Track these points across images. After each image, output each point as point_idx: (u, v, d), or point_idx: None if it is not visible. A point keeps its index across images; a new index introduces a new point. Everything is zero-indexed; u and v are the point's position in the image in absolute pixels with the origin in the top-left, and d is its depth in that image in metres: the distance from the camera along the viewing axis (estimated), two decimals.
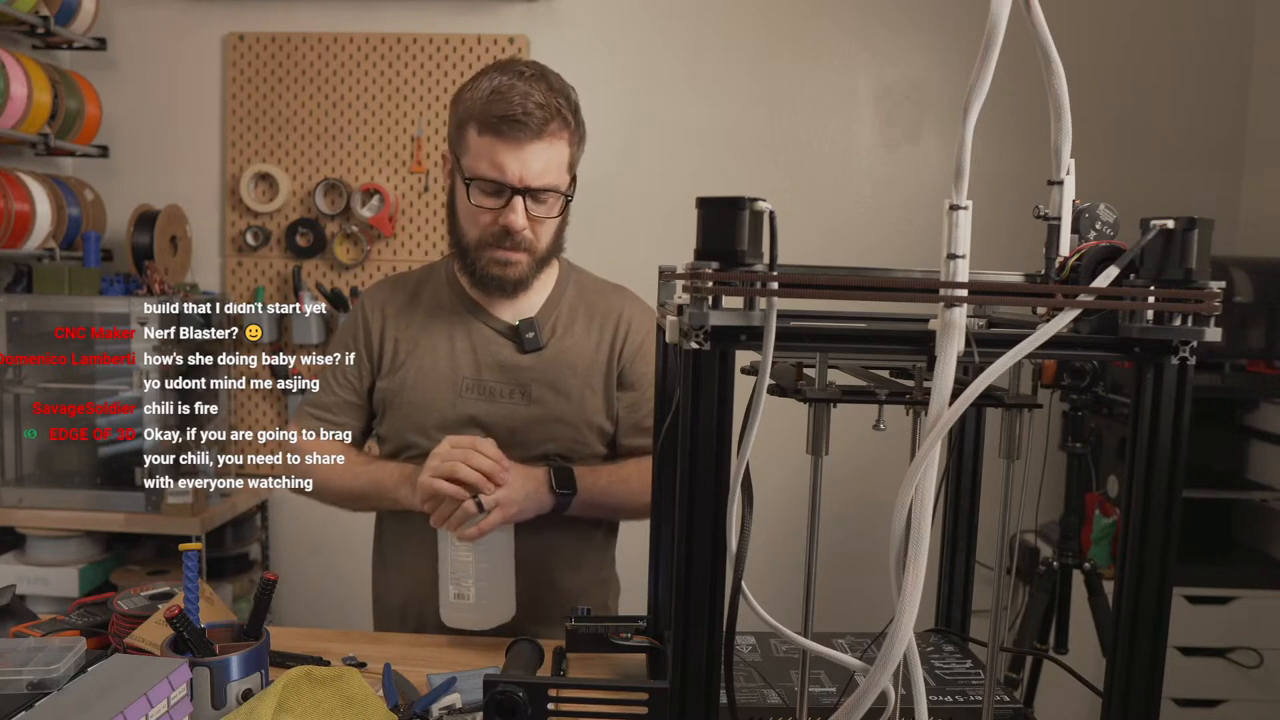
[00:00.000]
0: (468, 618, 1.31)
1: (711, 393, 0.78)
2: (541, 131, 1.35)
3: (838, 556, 2.10)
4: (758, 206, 0.78)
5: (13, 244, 2.49)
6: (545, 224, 1.42)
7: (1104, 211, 0.83)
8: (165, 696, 0.92)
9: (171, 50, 2.91)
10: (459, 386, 1.47)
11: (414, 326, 1.52)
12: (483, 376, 1.47)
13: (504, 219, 1.38)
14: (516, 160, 1.35)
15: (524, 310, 1.50)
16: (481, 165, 1.37)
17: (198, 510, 2.50)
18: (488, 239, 1.41)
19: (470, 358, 1.48)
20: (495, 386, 1.47)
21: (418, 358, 1.49)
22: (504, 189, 1.37)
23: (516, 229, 1.38)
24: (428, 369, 1.48)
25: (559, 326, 1.50)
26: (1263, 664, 2.27)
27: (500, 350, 1.48)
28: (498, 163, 1.35)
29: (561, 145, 1.39)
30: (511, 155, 1.35)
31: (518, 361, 1.47)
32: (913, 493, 0.74)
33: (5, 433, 2.57)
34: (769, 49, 2.83)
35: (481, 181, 1.37)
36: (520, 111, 1.33)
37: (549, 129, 1.36)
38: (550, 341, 1.49)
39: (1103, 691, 0.85)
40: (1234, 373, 2.36)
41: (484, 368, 1.47)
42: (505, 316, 1.50)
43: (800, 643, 0.83)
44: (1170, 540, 0.80)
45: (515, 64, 1.41)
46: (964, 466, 1.13)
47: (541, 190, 1.38)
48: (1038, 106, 0.79)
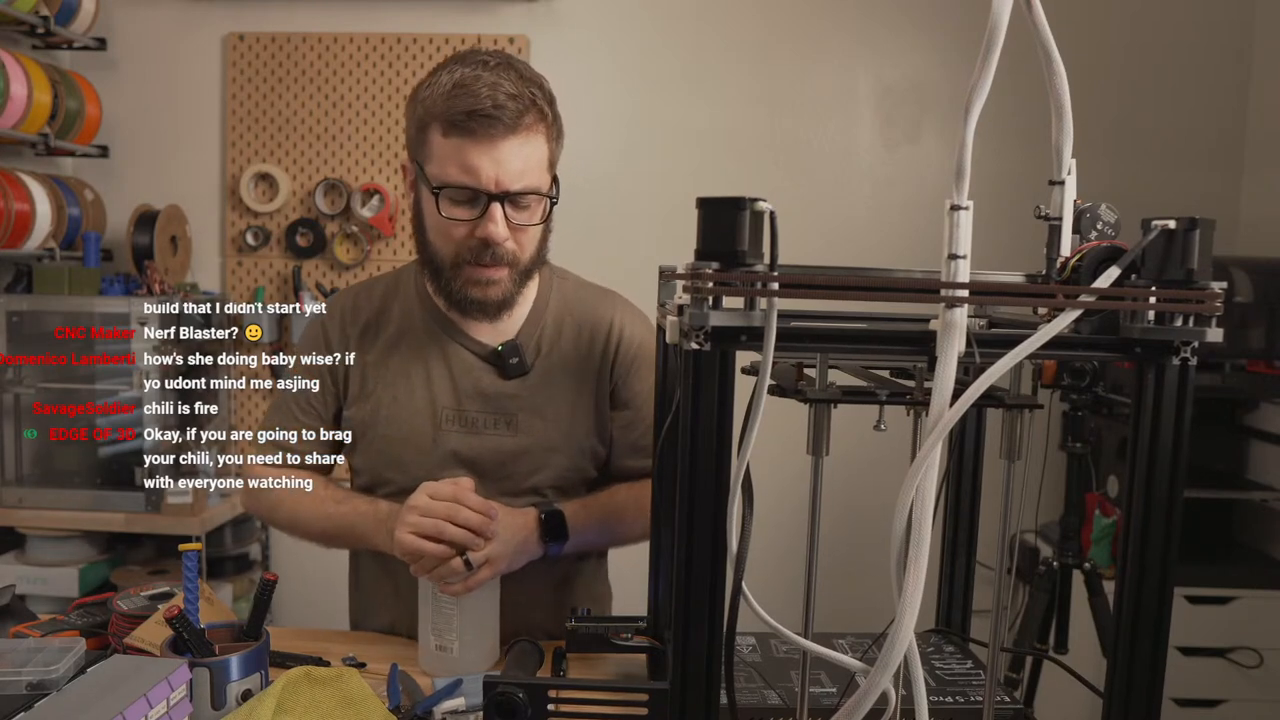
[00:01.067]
0: (450, 668, 1.21)
1: (712, 393, 0.78)
2: (516, 126, 1.18)
3: (838, 557, 2.10)
4: (758, 206, 0.78)
5: (13, 244, 2.49)
6: (528, 233, 1.26)
7: (1105, 212, 0.83)
8: (165, 697, 0.92)
9: (171, 50, 2.91)
10: (438, 418, 1.33)
11: (382, 348, 1.36)
12: (463, 407, 1.33)
13: (481, 231, 1.21)
14: (491, 161, 1.18)
15: (505, 329, 1.35)
16: (450, 171, 1.20)
17: (198, 510, 2.51)
18: (464, 255, 1.24)
19: (448, 385, 1.33)
20: (477, 417, 1.33)
21: (389, 385, 1.35)
22: (479, 196, 1.20)
23: (497, 240, 1.22)
24: (402, 399, 1.34)
25: (544, 344, 1.36)
26: (1263, 664, 2.27)
27: (481, 377, 1.34)
28: (469, 166, 1.19)
29: (539, 141, 1.22)
30: (485, 156, 1.18)
31: (501, 389, 1.33)
32: (913, 493, 0.74)
33: (5, 433, 2.57)
34: (769, 49, 2.83)
35: (452, 190, 1.21)
36: (490, 105, 1.16)
37: (524, 122, 1.19)
38: (536, 362, 1.35)
39: (1103, 691, 0.85)
40: (1234, 373, 2.36)
41: (464, 397, 1.33)
42: (484, 338, 1.35)
43: (800, 643, 0.83)
44: (1170, 540, 0.80)
45: (477, 53, 1.23)
46: (964, 467, 1.13)
47: (522, 194, 1.21)
48: (1038, 106, 0.79)
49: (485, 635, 1.24)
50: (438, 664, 1.22)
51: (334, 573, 1.69)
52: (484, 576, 1.19)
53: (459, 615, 1.20)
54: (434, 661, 1.22)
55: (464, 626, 1.21)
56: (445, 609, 1.20)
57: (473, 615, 1.21)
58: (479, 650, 1.22)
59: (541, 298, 1.39)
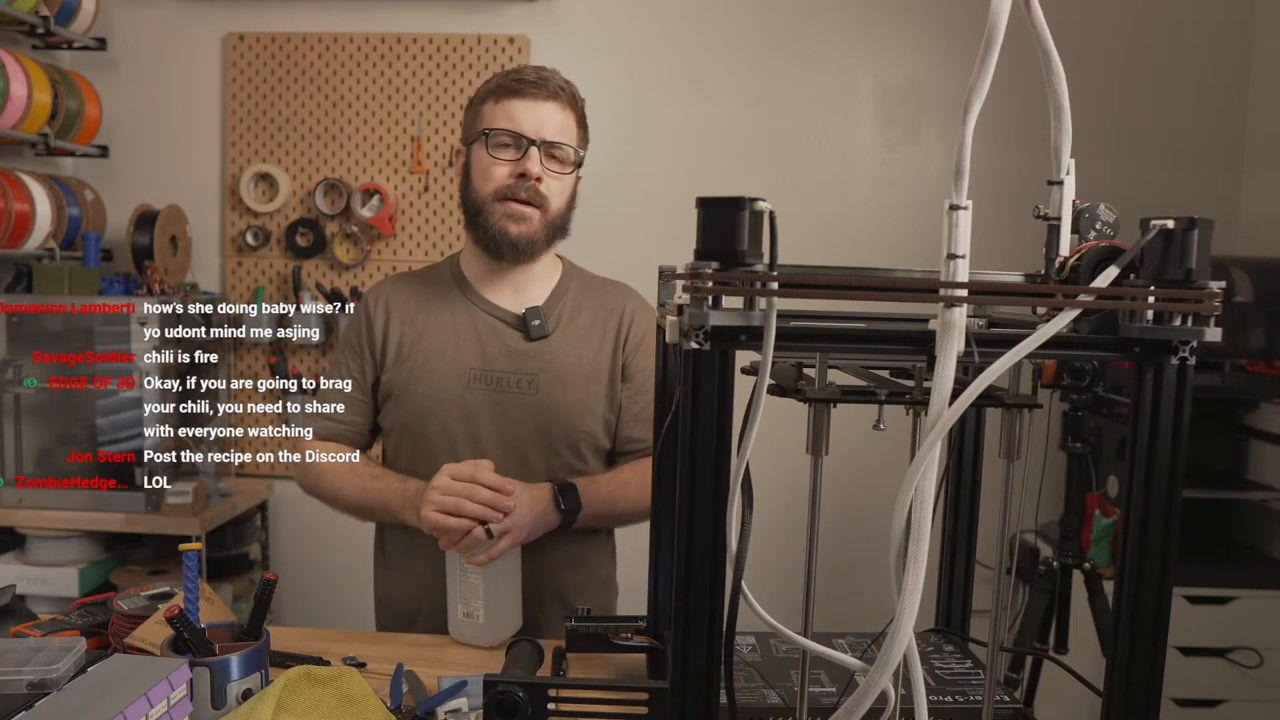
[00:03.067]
0: (476, 635, 1.34)
1: (711, 393, 0.78)
2: (556, 95, 1.44)
3: (838, 557, 2.10)
4: (758, 206, 0.78)
5: (13, 244, 2.49)
6: (560, 182, 1.46)
7: (1104, 211, 0.83)
8: (165, 696, 0.92)
9: (171, 50, 2.91)
10: (467, 378, 1.49)
11: (419, 319, 1.53)
12: (490, 366, 1.49)
13: (520, 167, 1.43)
14: (532, 115, 1.43)
15: (530, 299, 1.52)
16: (499, 121, 1.44)
17: (198, 510, 2.51)
18: (502, 191, 1.44)
19: (477, 348, 1.50)
20: (503, 376, 1.48)
21: (423, 350, 1.51)
22: (521, 139, 1.43)
23: (533, 174, 1.43)
24: (434, 360, 1.50)
25: (564, 319, 1.52)
26: (1263, 664, 2.27)
27: (508, 338, 1.50)
28: (514, 117, 1.43)
29: (571, 118, 1.47)
30: (528, 111, 1.43)
31: (525, 349, 1.49)
32: (913, 493, 0.74)
33: (5, 433, 2.57)
34: (769, 49, 2.83)
35: (499, 133, 1.44)
36: (535, 76, 1.44)
37: (561, 97, 1.45)
38: (555, 332, 1.51)
39: (1103, 691, 0.85)
40: (1234, 373, 2.36)
41: (491, 357, 1.49)
42: (510, 306, 1.52)
43: (800, 643, 0.83)
44: (1170, 540, 0.80)
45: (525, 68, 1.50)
46: (964, 466, 1.13)
47: (556, 143, 1.44)
48: (1038, 106, 0.79)
49: (509, 603, 1.36)
50: (464, 631, 1.34)
51: (334, 573, 1.71)
52: (504, 545, 1.32)
53: (483, 585, 1.32)
54: (461, 629, 1.35)
55: (488, 595, 1.32)
56: (471, 579, 1.33)
57: (495, 585, 1.33)
58: (502, 617, 1.35)
59: (563, 282, 1.57)
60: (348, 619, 1.86)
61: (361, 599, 1.64)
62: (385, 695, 1.10)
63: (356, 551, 1.73)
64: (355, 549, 1.75)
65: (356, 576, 1.73)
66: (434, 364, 1.50)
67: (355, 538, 1.72)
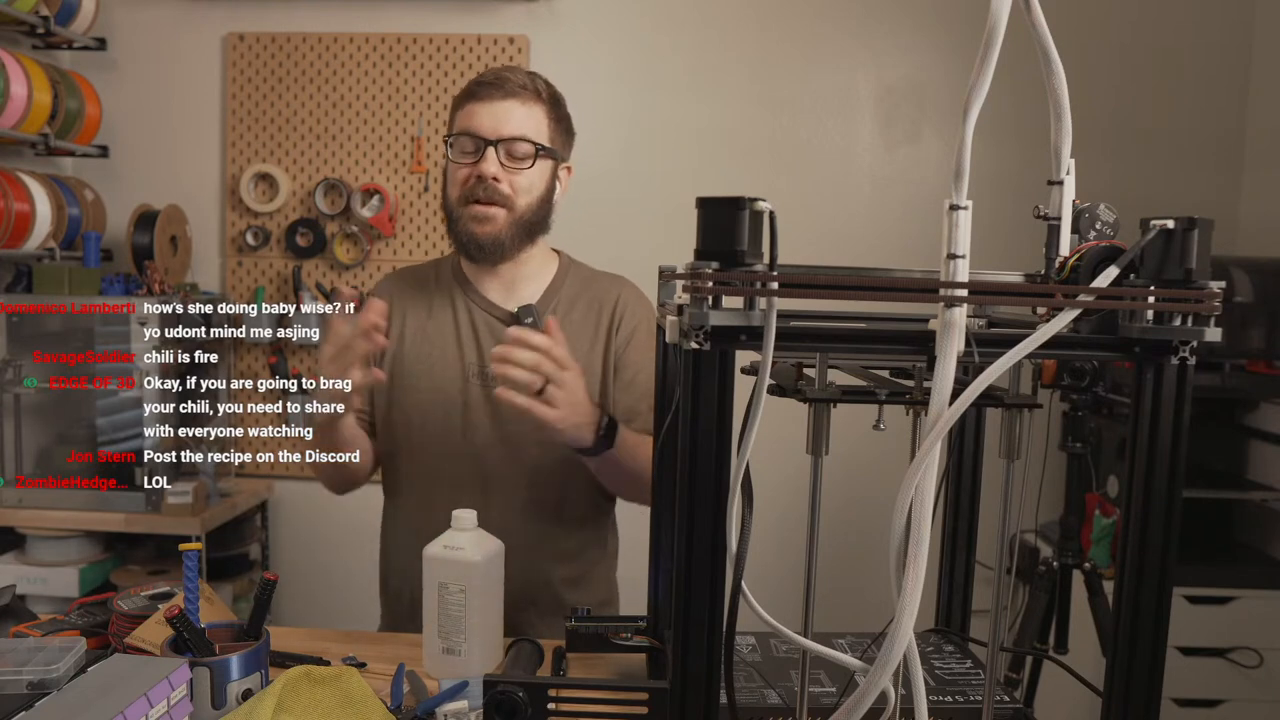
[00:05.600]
0: (455, 671, 1.22)
1: (711, 393, 0.78)
2: (515, 93, 1.46)
3: (838, 556, 2.10)
4: (758, 206, 0.78)
5: (13, 244, 2.49)
6: (521, 176, 1.46)
7: (1104, 211, 0.83)
8: (165, 696, 0.92)
9: (171, 50, 2.91)
10: (465, 372, 1.52)
11: (419, 313, 1.56)
12: (486, 363, 1.50)
13: (478, 169, 1.45)
14: (490, 115, 1.45)
15: (524, 297, 1.54)
16: (458, 126, 1.48)
17: (198, 510, 2.50)
18: (467, 194, 1.46)
19: (473, 345, 1.52)
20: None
21: (422, 343, 1.54)
22: (478, 142, 1.45)
23: (488, 174, 1.44)
24: (434, 356, 1.53)
25: (558, 314, 1.53)
26: (1263, 664, 2.27)
27: (502, 335, 1.48)
28: (472, 120, 1.46)
29: (536, 110, 1.47)
30: (485, 111, 1.45)
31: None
32: (913, 492, 0.74)
33: (5, 433, 2.57)
34: (769, 49, 2.83)
35: (458, 138, 1.47)
36: (493, 78, 1.47)
37: (521, 93, 1.46)
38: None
39: (1103, 691, 0.85)
40: (1234, 373, 2.36)
41: (487, 353, 1.50)
42: (505, 303, 1.54)
43: (800, 643, 0.83)
44: (1170, 540, 0.80)
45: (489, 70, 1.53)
46: (964, 466, 1.13)
47: (512, 139, 1.44)
48: (1038, 106, 0.79)
49: (491, 636, 1.26)
50: (443, 667, 1.23)
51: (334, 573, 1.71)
52: (543, 410, 1.29)
53: (466, 618, 1.22)
54: (439, 664, 1.24)
55: (471, 628, 1.22)
56: (453, 611, 1.23)
57: (479, 617, 1.23)
58: (484, 651, 1.25)
59: (558, 278, 1.58)
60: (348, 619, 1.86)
61: (361, 598, 1.64)
62: (385, 695, 1.10)
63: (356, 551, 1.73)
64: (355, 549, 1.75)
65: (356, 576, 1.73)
66: (434, 360, 1.52)
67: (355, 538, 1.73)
